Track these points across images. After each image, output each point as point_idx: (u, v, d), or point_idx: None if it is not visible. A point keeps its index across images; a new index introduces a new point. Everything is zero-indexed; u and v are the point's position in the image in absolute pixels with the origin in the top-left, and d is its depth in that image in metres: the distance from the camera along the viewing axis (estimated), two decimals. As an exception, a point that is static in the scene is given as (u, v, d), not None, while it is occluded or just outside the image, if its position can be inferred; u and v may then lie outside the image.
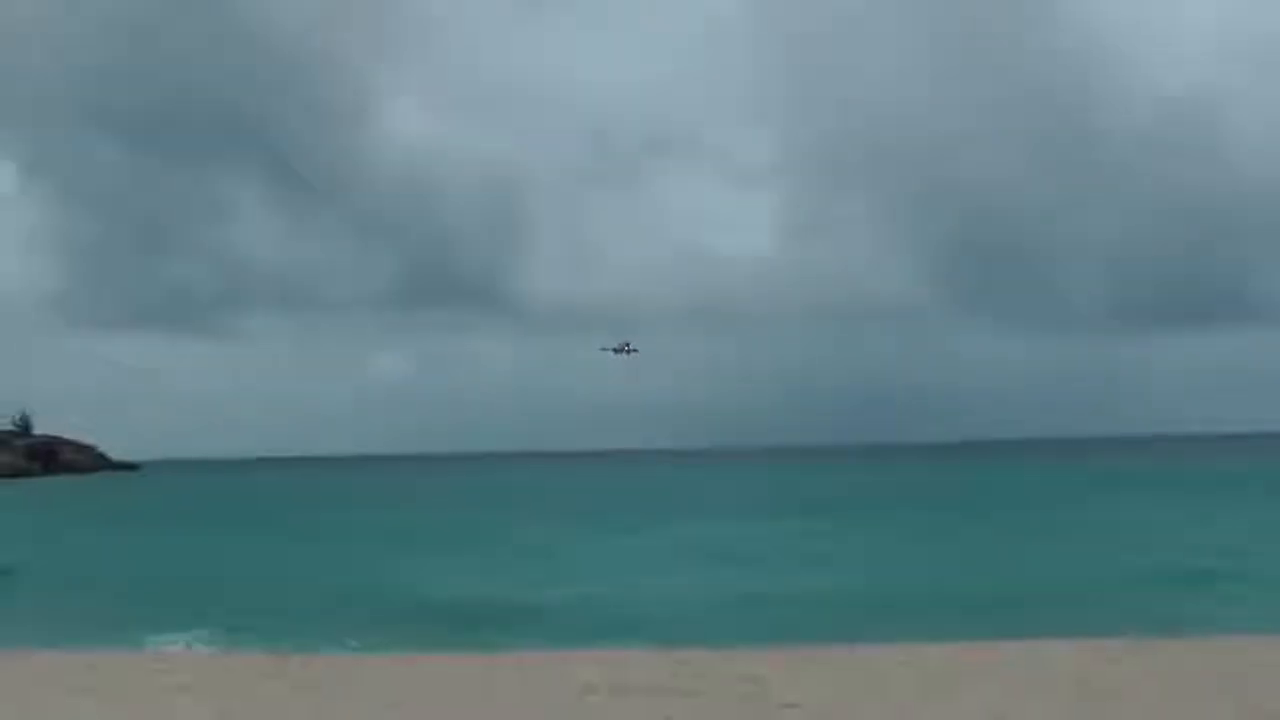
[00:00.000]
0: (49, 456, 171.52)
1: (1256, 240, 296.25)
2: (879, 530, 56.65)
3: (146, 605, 34.74)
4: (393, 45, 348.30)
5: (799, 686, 18.44)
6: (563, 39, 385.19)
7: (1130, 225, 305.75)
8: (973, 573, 38.63)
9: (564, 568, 42.50)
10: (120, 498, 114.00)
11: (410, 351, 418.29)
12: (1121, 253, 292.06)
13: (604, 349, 63.15)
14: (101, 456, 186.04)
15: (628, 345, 62.49)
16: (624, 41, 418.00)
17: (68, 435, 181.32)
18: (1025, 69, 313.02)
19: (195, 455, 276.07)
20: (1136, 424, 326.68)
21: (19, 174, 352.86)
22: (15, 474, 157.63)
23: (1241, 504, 67.12)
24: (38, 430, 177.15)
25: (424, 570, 43.67)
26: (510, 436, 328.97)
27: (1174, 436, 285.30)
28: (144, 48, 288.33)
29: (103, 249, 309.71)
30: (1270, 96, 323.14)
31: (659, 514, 72.22)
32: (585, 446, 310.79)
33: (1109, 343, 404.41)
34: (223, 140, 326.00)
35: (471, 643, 25.22)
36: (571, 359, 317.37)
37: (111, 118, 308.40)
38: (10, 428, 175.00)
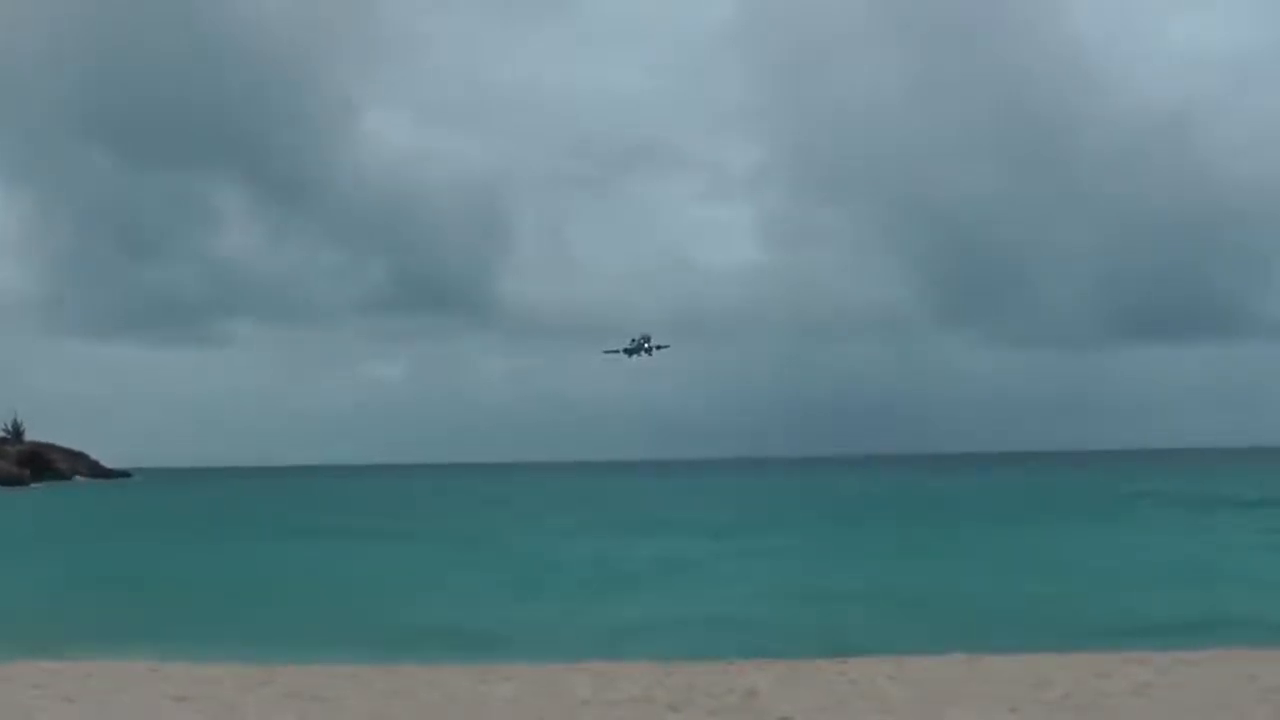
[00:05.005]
0: (40, 463, 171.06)
1: (1239, 254, 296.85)
2: (867, 542, 56.73)
3: (140, 614, 34.76)
4: (378, 54, 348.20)
5: (791, 699, 18.54)
6: (547, 48, 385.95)
7: (1113, 239, 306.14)
8: (962, 584, 38.78)
9: (553, 579, 42.51)
10: (111, 505, 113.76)
11: (397, 358, 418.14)
12: (1105, 266, 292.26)
13: (610, 351, 51.46)
14: (92, 464, 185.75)
15: (646, 342, 50.11)
16: (609, 50, 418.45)
17: (59, 442, 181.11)
18: (1009, 82, 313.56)
19: (186, 463, 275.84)
20: (1121, 438, 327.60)
21: (3, 181, 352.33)
22: (6, 481, 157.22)
23: (1225, 519, 67.34)
24: (28, 437, 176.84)
25: (414, 580, 43.79)
26: (497, 445, 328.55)
27: (1159, 451, 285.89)
28: (130, 55, 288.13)
29: (91, 256, 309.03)
30: (1250, 110, 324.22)
31: (647, 525, 72.21)
32: (570, 456, 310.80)
33: (1093, 356, 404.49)
34: (209, 147, 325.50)
35: (461, 655, 25.23)
36: (555, 367, 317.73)
37: (99, 125, 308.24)
38: (1, 434, 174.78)
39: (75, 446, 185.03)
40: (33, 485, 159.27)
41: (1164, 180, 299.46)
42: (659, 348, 49.71)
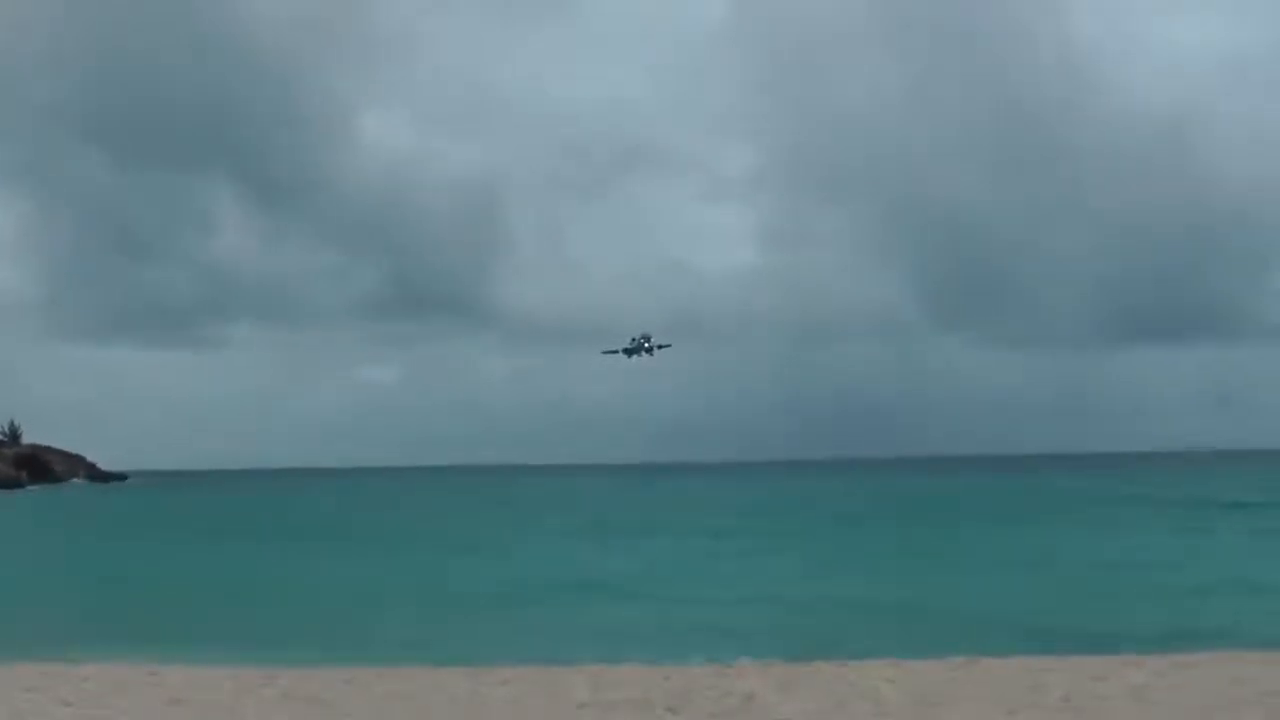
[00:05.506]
0: (37, 466, 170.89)
1: (1236, 256, 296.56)
2: (865, 544, 56.74)
3: (137, 616, 34.72)
4: (376, 54, 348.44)
5: (789, 702, 18.55)
6: (547, 49, 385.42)
7: (1111, 240, 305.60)
8: (960, 587, 38.79)
9: (551, 581, 42.48)
10: (108, 507, 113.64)
11: (395, 360, 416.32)
12: (1103, 268, 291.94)
13: (609, 351, 49.54)
14: (89, 466, 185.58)
15: (646, 341, 47.01)
16: (608, 52, 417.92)
17: (56, 445, 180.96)
18: (1007, 84, 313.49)
19: (182, 466, 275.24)
20: (1119, 440, 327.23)
21: (0, 183, 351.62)
22: (3, 483, 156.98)
23: (1222, 522, 67.36)
24: (26, 440, 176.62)
25: (412, 582, 43.75)
26: (495, 448, 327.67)
27: (1156, 454, 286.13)
28: (127, 57, 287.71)
29: (89, 258, 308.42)
30: (1248, 112, 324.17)
31: (645, 528, 72.19)
32: (568, 459, 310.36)
33: (1091, 358, 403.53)
34: (207, 149, 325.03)
35: (459, 657, 25.22)
36: (553, 369, 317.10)
37: (96, 126, 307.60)
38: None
39: (72, 449, 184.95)
40: (29, 488, 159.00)
41: (1162, 182, 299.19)
42: (660, 346, 46.84)
